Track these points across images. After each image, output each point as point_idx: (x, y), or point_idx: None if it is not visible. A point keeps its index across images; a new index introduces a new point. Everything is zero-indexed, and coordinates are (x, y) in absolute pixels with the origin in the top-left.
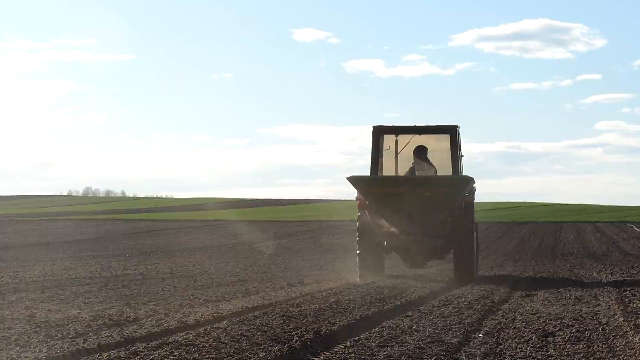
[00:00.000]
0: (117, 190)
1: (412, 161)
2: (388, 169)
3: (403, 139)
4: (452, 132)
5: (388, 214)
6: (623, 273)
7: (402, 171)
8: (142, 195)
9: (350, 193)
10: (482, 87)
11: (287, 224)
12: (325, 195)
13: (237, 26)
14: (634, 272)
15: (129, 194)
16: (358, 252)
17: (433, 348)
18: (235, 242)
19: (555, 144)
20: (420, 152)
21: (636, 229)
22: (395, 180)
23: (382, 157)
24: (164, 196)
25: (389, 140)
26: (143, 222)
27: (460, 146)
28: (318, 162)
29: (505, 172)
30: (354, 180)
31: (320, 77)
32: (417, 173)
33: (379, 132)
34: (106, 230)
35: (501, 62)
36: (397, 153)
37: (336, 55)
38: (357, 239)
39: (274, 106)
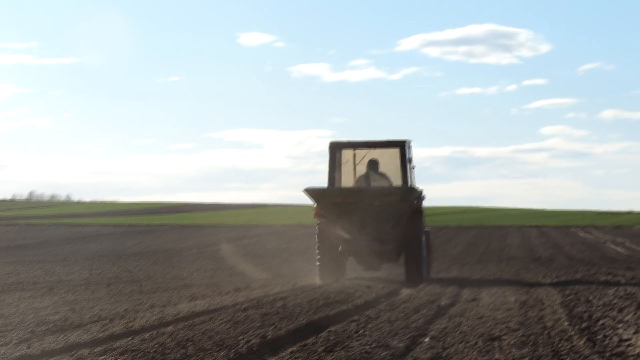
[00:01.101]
0: (62, 195)
1: (364, 173)
2: (347, 181)
3: (361, 152)
4: (401, 146)
5: (342, 221)
6: (568, 277)
7: (358, 182)
8: (88, 200)
9: (296, 197)
10: (428, 91)
11: (233, 228)
12: (272, 199)
13: (182, 30)
14: (579, 276)
15: (74, 198)
16: (318, 256)
17: (379, 353)
18: (182, 246)
19: (501, 149)
20: (372, 165)
21: (581, 233)
22: (346, 191)
23: (340, 170)
24: (109, 200)
25: (347, 154)
26: (88, 226)
27: (410, 158)
28: (264, 167)
29: (452, 176)
30: (310, 192)
31: (266, 82)
32: (372, 184)
33: (335, 147)
34: (50, 235)
35: (447, 67)
36: (355, 166)
37: (282, 59)
38: (317, 244)
39: (220, 110)
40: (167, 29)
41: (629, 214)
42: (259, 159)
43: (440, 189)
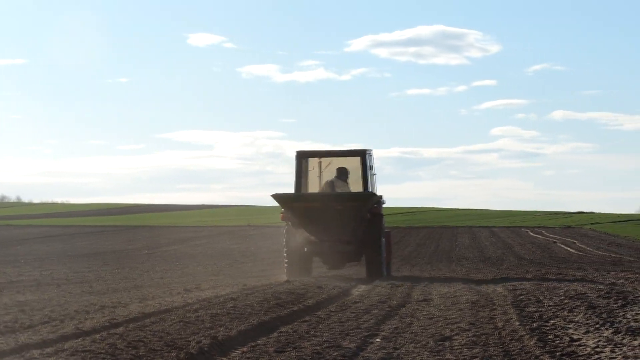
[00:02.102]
0: (11, 196)
1: (330, 179)
2: (312, 187)
3: (326, 160)
4: (362, 155)
5: (306, 224)
6: (518, 277)
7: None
8: (38, 201)
9: (246, 198)
10: (378, 92)
11: (183, 229)
12: (222, 200)
13: (132, 31)
14: (529, 276)
15: (24, 199)
16: (285, 257)
17: (331, 353)
18: (132, 247)
19: (451, 150)
20: (340, 172)
21: (531, 233)
22: (310, 196)
23: (306, 177)
24: (59, 202)
25: (312, 162)
26: (38, 227)
27: (371, 166)
28: (214, 167)
29: (402, 177)
30: (277, 197)
31: (215, 82)
32: (336, 190)
33: (301, 156)
34: (0, 236)
35: (396, 68)
36: (320, 173)
37: (231, 60)
38: (284, 245)
39: (169, 111)
40: (116, 30)
41: (579, 214)
42: (208, 160)
43: (390, 189)
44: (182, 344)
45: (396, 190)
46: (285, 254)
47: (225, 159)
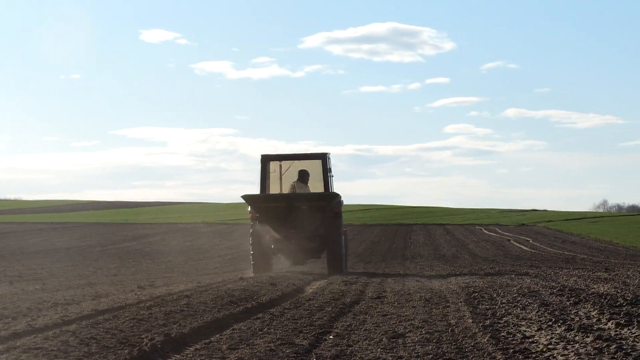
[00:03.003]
0: None
1: (293, 182)
2: (275, 188)
3: (286, 163)
4: (323, 158)
5: (274, 223)
6: (472, 275)
7: (285, 189)
8: None
9: (201, 195)
10: (332, 89)
11: (137, 226)
12: (176, 197)
13: (84, 26)
14: (483, 274)
15: None
16: (252, 253)
17: (284, 350)
18: (85, 244)
19: (405, 147)
20: (302, 175)
21: (485, 231)
22: (278, 197)
23: (269, 179)
24: (12, 198)
25: (274, 164)
26: None
27: (330, 168)
28: (168, 164)
29: (356, 174)
30: (247, 198)
31: (169, 79)
32: (297, 191)
33: (266, 159)
34: None
35: (351, 65)
36: (281, 175)
37: (185, 56)
38: (251, 243)
39: (123, 108)
40: (69, 26)
41: (533, 212)
42: (162, 157)
43: (345, 187)
44: (135, 341)
45: (350, 188)
46: (252, 251)
47: (179, 155)
